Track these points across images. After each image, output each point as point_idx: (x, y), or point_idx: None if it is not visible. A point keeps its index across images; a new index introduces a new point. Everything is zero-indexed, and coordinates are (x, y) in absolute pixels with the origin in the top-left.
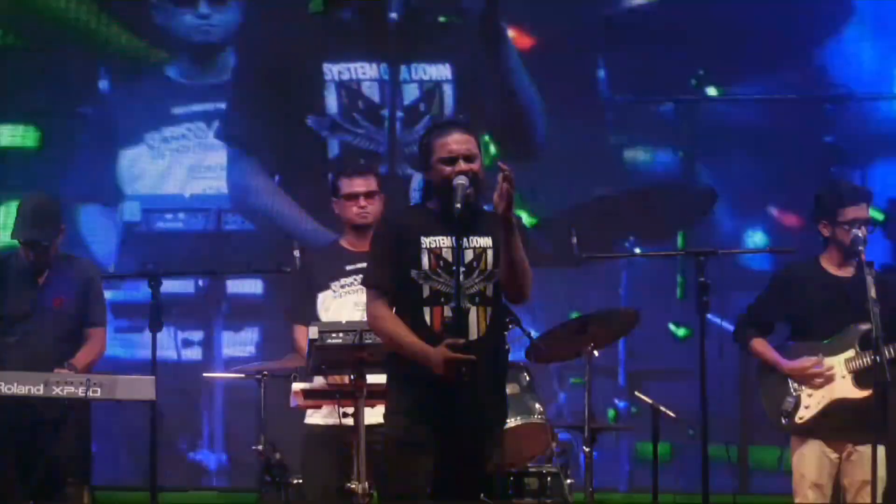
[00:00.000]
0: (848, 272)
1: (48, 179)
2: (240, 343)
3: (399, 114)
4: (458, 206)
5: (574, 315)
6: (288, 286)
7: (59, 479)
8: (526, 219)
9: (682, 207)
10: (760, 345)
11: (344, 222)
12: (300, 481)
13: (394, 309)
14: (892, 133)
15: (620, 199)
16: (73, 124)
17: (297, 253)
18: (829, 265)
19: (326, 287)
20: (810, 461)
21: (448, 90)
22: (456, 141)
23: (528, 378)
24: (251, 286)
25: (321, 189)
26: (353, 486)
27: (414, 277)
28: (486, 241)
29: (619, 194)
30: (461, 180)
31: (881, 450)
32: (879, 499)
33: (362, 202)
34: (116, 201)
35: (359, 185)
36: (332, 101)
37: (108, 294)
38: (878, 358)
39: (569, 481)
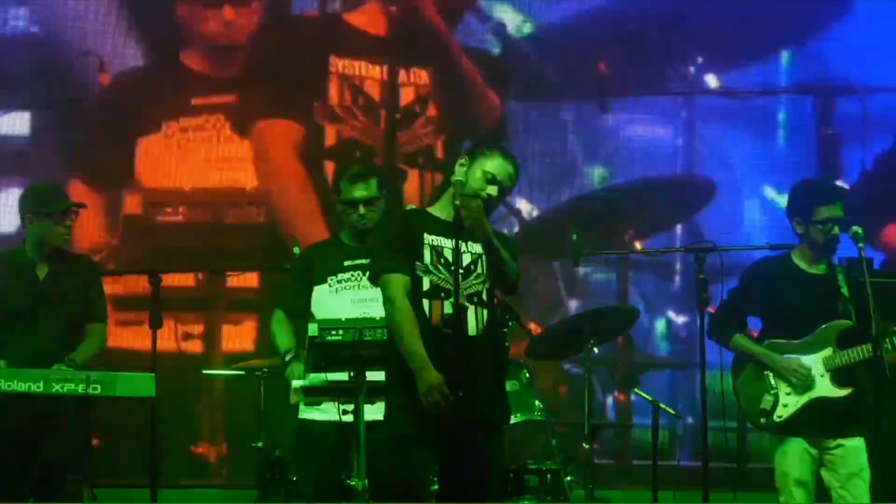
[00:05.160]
0: (821, 269)
1: (48, 170)
2: (240, 336)
3: (396, 115)
4: (457, 203)
5: (575, 307)
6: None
7: (60, 476)
8: (526, 210)
9: (681, 200)
10: (744, 340)
11: (344, 224)
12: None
13: None
14: (892, 125)
15: (619, 192)
16: (75, 115)
17: (296, 249)
18: (802, 262)
19: (323, 281)
20: (793, 459)
21: (437, 97)
22: (509, 174)
23: (527, 375)
24: (250, 280)
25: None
26: (353, 482)
27: (416, 269)
28: (479, 248)
29: (619, 187)
30: (458, 177)
31: (864, 443)
32: (869, 492)
33: (362, 210)
34: (118, 194)
35: (360, 191)
36: (333, 92)
37: (108, 287)
38: (876, 351)
39: (568, 478)
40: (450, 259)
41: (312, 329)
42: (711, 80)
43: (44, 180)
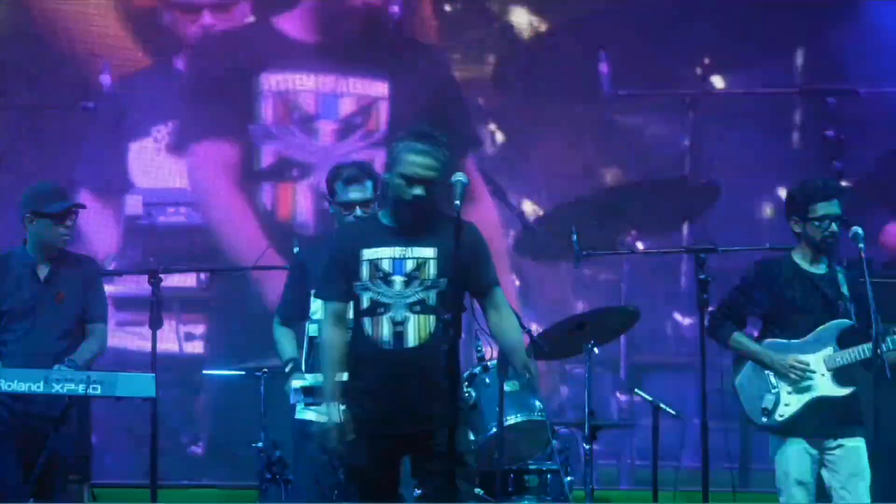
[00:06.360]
0: (821, 268)
1: (48, 171)
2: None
3: (335, 125)
4: (458, 203)
5: (578, 307)
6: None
7: (60, 476)
8: (529, 210)
9: (684, 201)
10: (742, 338)
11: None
12: None
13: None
14: (894, 128)
15: (623, 192)
16: (75, 117)
17: (296, 250)
18: (802, 261)
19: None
20: (794, 459)
21: (383, 106)
22: (423, 166)
23: (528, 375)
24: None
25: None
26: None
27: (355, 289)
28: (429, 252)
29: (622, 187)
30: (460, 177)
31: (864, 443)
32: (869, 492)
33: (358, 212)
34: (119, 194)
35: (355, 193)
36: (267, 111)
37: (109, 287)
38: (877, 351)
39: (569, 478)
40: (387, 270)
41: (312, 329)
42: (718, 81)
43: (45, 181)
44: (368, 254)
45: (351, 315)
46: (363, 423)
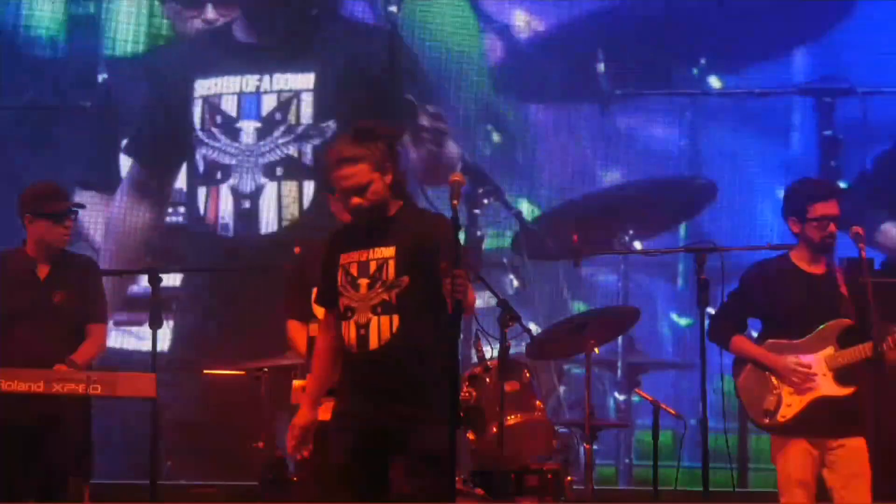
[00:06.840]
0: (820, 269)
1: (48, 171)
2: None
3: (257, 124)
4: (456, 202)
5: (577, 307)
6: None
7: (60, 477)
8: (527, 210)
9: (682, 200)
10: (743, 342)
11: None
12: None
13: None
14: (892, 128)
15: (622, 192)
16: (73, 115)
17: (297, 250)
18: (801, 262)
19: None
20: (795, 459)
21: (307, 98)
22: (346, 177)
23: (528, 375)
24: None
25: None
26: None
27: (338, 293)
28: (388, 251)
29: (621, 187)
30: (457, 177)
31: (864, 443)
32: (870, 492)
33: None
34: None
35: None
36: (196, 117)
37: (108, 287)
38: (877, 351)
39: (569, 478)
40: (354, 274)
41: (314, 329)
42: (714, 82)
43: (44, 181)
44: (343, 259)
45: None
46: (339, 420)
